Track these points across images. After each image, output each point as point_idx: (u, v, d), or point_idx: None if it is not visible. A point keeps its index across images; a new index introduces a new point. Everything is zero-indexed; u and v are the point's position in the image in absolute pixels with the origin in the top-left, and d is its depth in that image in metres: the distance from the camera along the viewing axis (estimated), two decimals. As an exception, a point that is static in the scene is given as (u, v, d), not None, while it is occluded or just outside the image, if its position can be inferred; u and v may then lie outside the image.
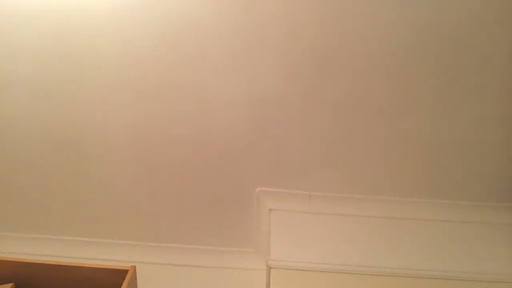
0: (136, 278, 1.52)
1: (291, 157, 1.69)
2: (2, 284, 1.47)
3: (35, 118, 1.63)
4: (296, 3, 1.41)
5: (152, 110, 1.60)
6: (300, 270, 1.57)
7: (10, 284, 1.46)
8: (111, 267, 1.50)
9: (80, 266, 1.49)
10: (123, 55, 1.50)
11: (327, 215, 1.74)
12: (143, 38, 1.48)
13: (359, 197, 1.74)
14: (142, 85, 1.56)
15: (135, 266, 1.52)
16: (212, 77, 1.54)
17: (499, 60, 1.49)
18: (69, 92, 1.58)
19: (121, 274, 1.48)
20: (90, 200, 1.79)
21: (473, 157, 1.66)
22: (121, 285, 1.43)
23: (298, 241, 1.67)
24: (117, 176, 1.74)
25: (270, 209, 1.75)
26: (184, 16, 1.44)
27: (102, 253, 1.83)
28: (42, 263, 1.50)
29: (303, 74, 1.53)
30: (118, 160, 1.71)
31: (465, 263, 1.59)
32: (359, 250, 1.64)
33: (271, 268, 1.58)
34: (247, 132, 1.64)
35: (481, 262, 1.60)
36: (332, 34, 1.46)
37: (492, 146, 1.63)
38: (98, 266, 1.50)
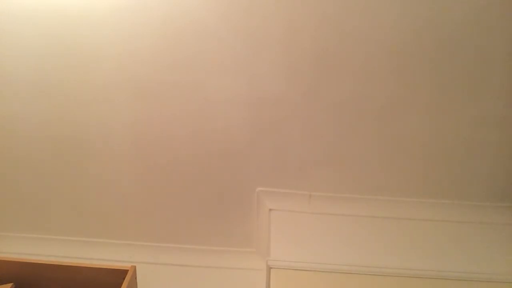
0: (136, 278, 1.52)
1: (291, 157, 1.69)
2: (2, 284, 1.47)
3: (35, 117, 1.63)
4: (296, 3, 1.41)
5: (152, 110, 1.60)
6: (300, 270, 1.57)
7: (10, 284, 1.46)
8: (111, 267, 1.50)
9: (80, 266, 1.50)
10: (123, 55, 1.51)
11: (327, 215, 1.73)
12: (143, 38, 1.48)
13: (359, 197, 1.74)
14: (142, 85, 1.56)
15: (135, 266, 1.52)
16: (212, 77, 1.54)
17: (499, 60, 1.49)
18: (69, 92, 1.58)
19: (121, 274, 1.48)
20: (90, 200, 1.79)
21: (473, 157, 1.66)
22: (121, 285, 1.43)
23: (298, 241, 1.67)
24: (117, 176, 1.74)
25: (270, 209, 1.75)
26: (184, 16, 1.44)
27: (102, 253, 1.83)
28: (42, 263, 1.50)
29: (303, 74, 1.53)
30: (118, 160, 1.71)
31: (465, 263, 1.59)
32: (359, 250, 1.64)
33: (271, 268, 1.59)
34: (247, 132, 1.64)
35: (481, 262, 1.60)
36: (332, 34, 1.46)
37: (492, 146, 1.63)
38: (98, 266, 1.50)
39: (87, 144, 1.68)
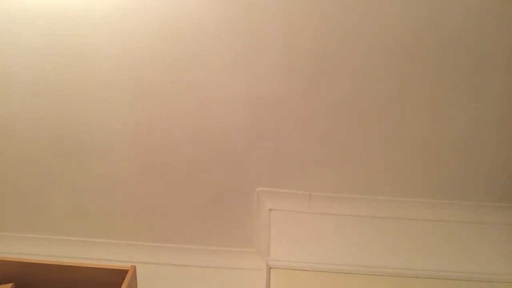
0: (136, 278, 1.52)
1: (291, 157, 1.69)
2: (2, 284, 1.47)
3: (35, 118, 1.63)
4: (296, 3, 1.41)
5: (152, 110, 1.60)
6: (300, 270, 1.57)
7: (10, 284, 1.46)
8: (111, 267, 1.50)
9: (80, 266, 1.50)
10: (123, 55, 1.51)
11: (327, 215, 1.74)
12: (143, 38, 1.48)
13: (359, 197, 1.74)
14: (142, 85, 1.56)
15: (135, 266, 1.52)
16: (212, 77, 1.54)
17: (499, 60, 1.49)
18: (69, 92, 1.58)
19: (121, 274, 1.48)
20: (90, 200, 1.80)
21: (473, 157, 1.66)
22: (121, 285, 1.43)
23: (298, 241, 1.67)
24: (117, 176, 1.74)
25: (270, 209, 1.75)
26: (184, 16, 1.44)
27: (102, 253, 1.83)
28: (42, 263, 1.50)
29: (303, 74, 1.53)
30: (118, 160, 1.71)
31: (465, 263, 1.59)
32: (359, 250, 1.64)
33: (271, 268, 1.58)
34: (247, 132, 1.64)
35: (481, 262, 1.60)
36: (332, 34, 1.46)
37: (492, 146, 1.64)
38: (98, 266, 1.50)
39: (87, 144, 1.68)
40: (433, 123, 1.60)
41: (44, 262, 1.51)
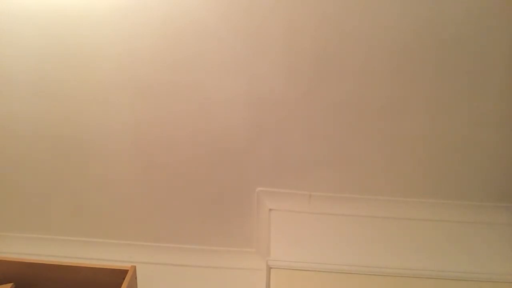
0: (136, 278, 1.52)
1: (291, 157, 1.69)
2: (2, 284, 1.48)
3: (35, 118, 1.63)
4: (296, 3, 1.41)
5: (152, 110, 1.61)
6: (300, 270, 1.57)
7: (10, 284, 1.46)
8: (111, 267, 1.50)
9: (80, 266, 1.50)
10: (123, 55, 1.51)
11: (327, 215, 1.74)
12: (143, 38, 1.48)
13: (359, 197, 1.74)
14: (142, 85, 1.56)
15: (135, 266, 1.52)
16: (212, 77, 1.54)
17: (499, 60, 1.49)
18: (69, 92, 1.58)
19: (121, 274, 1.48)
20: (90, 200, 1.80)
21: (473, 157, 1.66)
22: (121, 285, 1.44)
23: (298, 241, 1.67)
24: (117, 176, 1.74)
25: (270, 209, 1.75)
26: (184, 16, 1.44)
27: (102, 253, 1.83)
28: (42, 263, 1.51)
29: (303, 74, 1.53)
30: (118, 160, 1.71)
31: (465, 263, 1.59)
32: (359, 250, 1.64)
33: (271, 268, 1.58)
34: (247, 132, 1.64)
35: (481, 262, 1.60)
36: (332, 34, 1.46)
37: (492, 146, 1.64)
38: (98, 266, 1.51)
39: (87, 144, 1.68)
40: (433, 123, 1.60)
41: (44, 262, 1.51)
